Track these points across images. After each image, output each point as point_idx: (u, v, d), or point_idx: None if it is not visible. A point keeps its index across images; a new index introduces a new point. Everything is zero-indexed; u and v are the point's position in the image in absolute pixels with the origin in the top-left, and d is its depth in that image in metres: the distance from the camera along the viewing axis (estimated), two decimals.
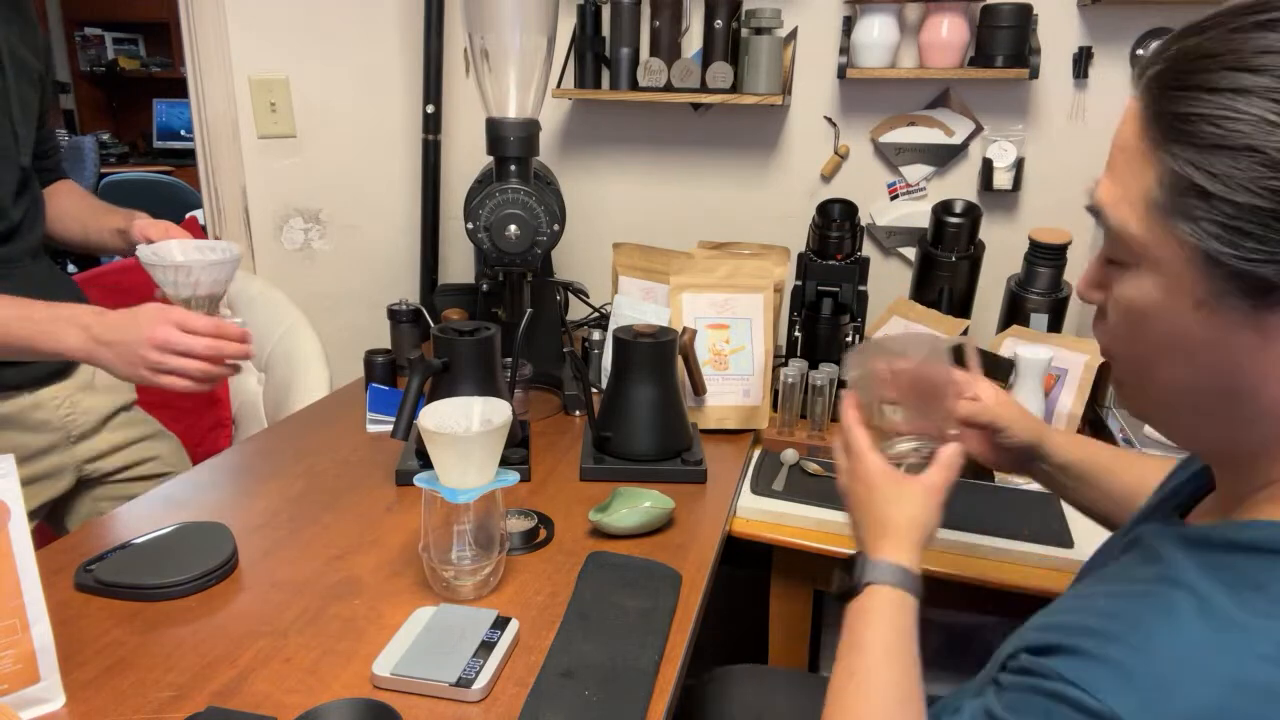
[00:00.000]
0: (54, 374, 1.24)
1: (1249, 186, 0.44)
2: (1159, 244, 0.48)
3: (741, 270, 1.48)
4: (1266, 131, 0.43)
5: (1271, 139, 0.43)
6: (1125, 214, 0.49)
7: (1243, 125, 0.43)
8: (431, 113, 1.90)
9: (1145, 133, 0.48)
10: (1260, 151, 0.43)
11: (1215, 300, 0.47)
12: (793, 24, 1.71)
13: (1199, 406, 0.52)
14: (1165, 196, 0.47)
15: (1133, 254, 0.50)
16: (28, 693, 0.76)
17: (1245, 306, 0.47)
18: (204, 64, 1.83)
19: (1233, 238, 0.45)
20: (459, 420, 0.96)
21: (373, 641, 0.87)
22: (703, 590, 0.99)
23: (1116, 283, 0.52)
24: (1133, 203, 0.49)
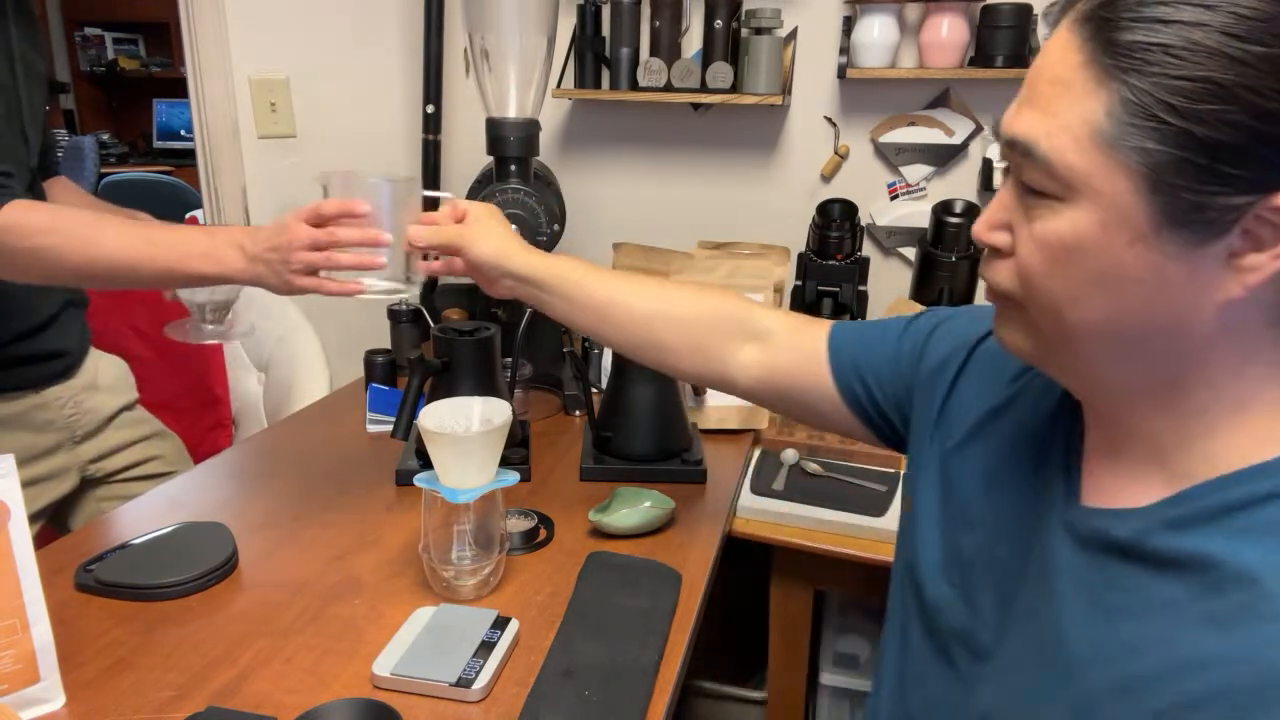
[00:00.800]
0: (58, 374, 1.24)
1: (1206, 117, 0.44)
2: (1102, 175, 0.48)
3: (741, 270, 1.48)
4: (1222, 65, 0.43)
5: (1229, 72, 0.43)
6: (1063, 144, 0.48)
7: (1203, 58, 0.44)
8: (431, 113, 1.90)
9: (1091, 63, 0.47)
10: (1219, 84, 0.43)
11: (1153, 233, 0.47)
12: (793, 24, 1.71)
13: (1113, 344, 0.52)
14: (1114, 126, 0.47)
15: (1066, 187, 0.49)
16: (28, 693, 0.76)
17: (1180, 239, 0.47)
18: (204, 64, 1.83)
19: (1184, 168, 0.45)
20: (459, 420, 0.96)
21: (373, 641, 0.87)
22: (703, 590, 0.99)
23: (1037, 219, 0.51)
24: (1072, 133, 0.48)
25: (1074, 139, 0.48)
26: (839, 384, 0.83)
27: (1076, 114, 0.48)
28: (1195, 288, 0.48)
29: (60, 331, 1.23)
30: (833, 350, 0.84)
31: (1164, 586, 0.52)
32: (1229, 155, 0.44)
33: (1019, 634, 0.61)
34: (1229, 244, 0.47)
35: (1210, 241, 0.47)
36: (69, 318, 1.26)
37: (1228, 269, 0.47)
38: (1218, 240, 0.47)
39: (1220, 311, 0.49)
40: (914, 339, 0.80)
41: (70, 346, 1.25)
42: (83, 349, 1.29)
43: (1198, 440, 0.53)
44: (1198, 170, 0.45)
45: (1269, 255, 0.46)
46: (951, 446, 0.73)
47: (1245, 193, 0.45)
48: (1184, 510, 0.52)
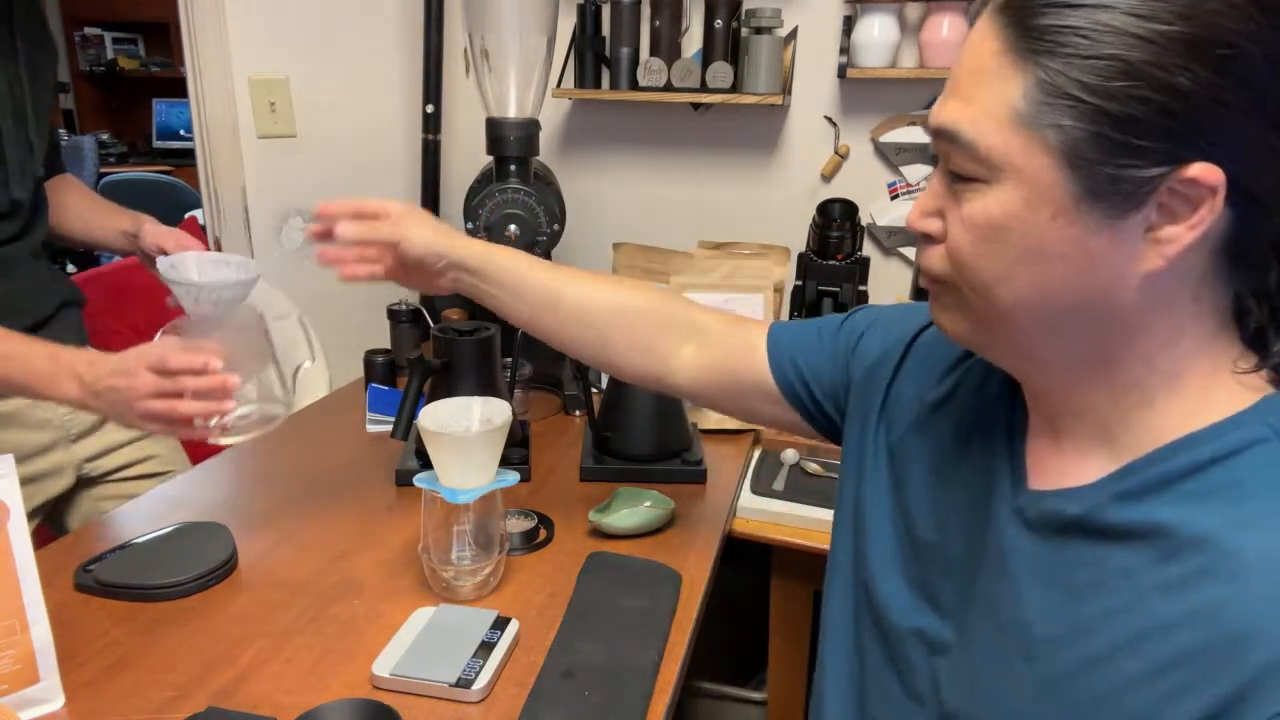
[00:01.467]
0: None
1: (1114, 94, 0.46)
2: (1021, 154, 0.50)
3: (741, 270, 1.48)
4: (1127, 44, 0.45)
5: (1134, 50, 0.45)
6: (986, 128, 0.50)
7: (1111, 37, 0.46)
8: (431, 112, 1.90)
9: (1008, 50, 0.49)
10: (1125, 61, 0.46)
11: (1074, 207, 0.49)
12: (793, 23, 1.71)
13: (1042, 320, 0.54)
14: (1031, 107, 0.49)
15: (990, 168, 0.51)
16: (27, 693, 0.76)
17: (1099, 212, 0.49)
18: (203, 64, 1.82)
19: (1098, 143, 0.47)
20: (459, 420, 0.96)
21: (372, 642, 0.87)
22: (703, 590, 0.99)
23: (965, 203, 0.53)
24: (993, 117, 0.50)
25: (995, 122, 0.50)
26: (778, 379, 0.85)
27: (996, 98, 0.50)
28: (1117, 260, 0.50)
29: (55, 332, 1.22)
30: (771, 346, 0.86)
31: (1119, 558, 0.53)
32: (1139, 129, 0.46)
33: (978, 624, 0.61)
34: (1146, 217, 0.48)
35: (1128, 214, 0.49)
36: (65, 317, 1.25)
37: (1146, 242, 0.49)
38: (1134, 212, 0.48)
39: (1143, 284, 0.50)
40: (848, 336, 0.81)
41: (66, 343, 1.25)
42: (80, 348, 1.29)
43: (1136, 412, 0.55)
44: (1111, 145, 0.47)
45: (1184, 227, 0.48)
46: (896, 440, 0.73)
47: (1157, 165, 0.47)
48: (1131, 482, 0.54)
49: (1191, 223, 0.48)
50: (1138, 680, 0.50)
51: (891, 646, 0.69)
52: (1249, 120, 0.46)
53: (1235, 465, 0.51)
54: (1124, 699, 0.51)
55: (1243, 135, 0.46)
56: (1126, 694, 0.50)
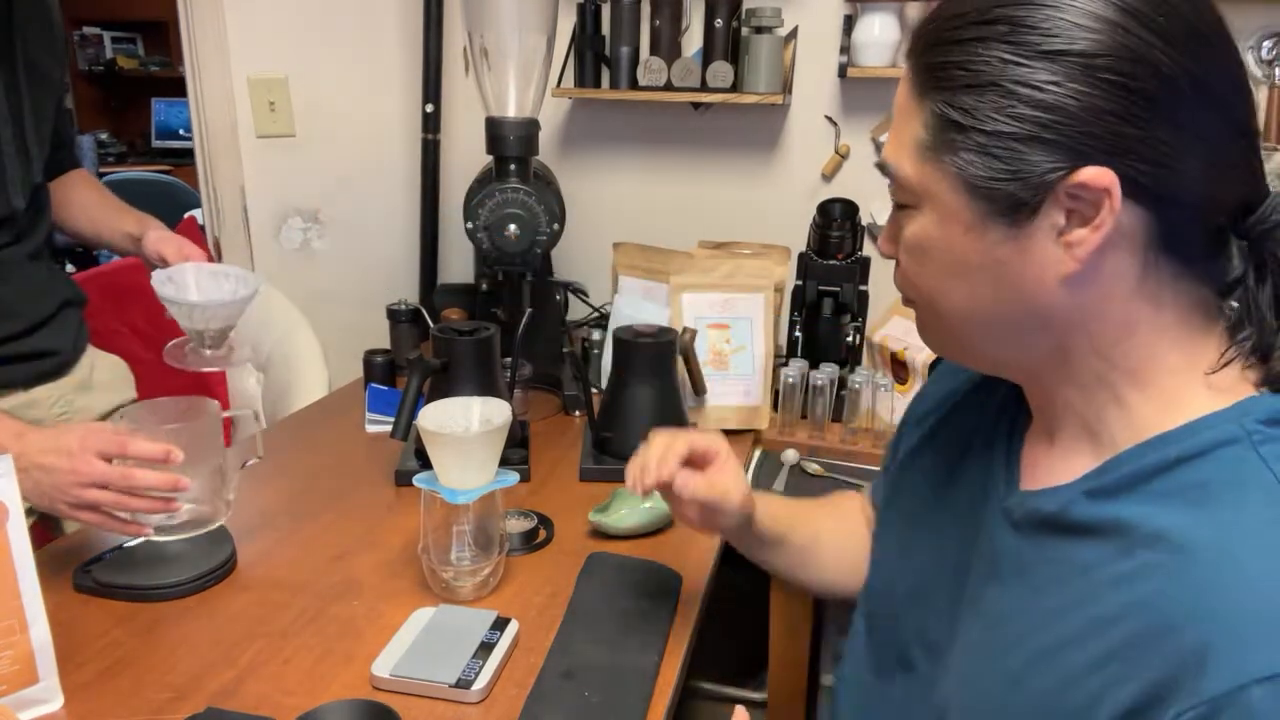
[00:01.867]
0: (48, 373, 1.22)
1: (994, 115, 0.50)
2: (930, 180, 0.54)
3: (742, 270, 1.47)
4: (1001, 69, 0.50)
5: (1007, 74, 0.50)
6: (902, 160, 0.56)
7: (985, 66, 0.50)
8: (431, 112, 1.90)
9: (911, 89, 0.55)
10: (999, 85, 0.50)
11: (980, 223, 0.53)
12: (793, 23, 1.71)
13: (987, 326, 0.57)
14: (930, 137, 0.54)
15: (913, 195, 0.56)
16: (26, 693, 0.76)
17: (1003, 224, 0.53)
18: (203, 63, 1.82)
19: (986, 161, 0.51)
20: (459, 420, 0.96)
21: (372, 642, 0.87)
22: (703, 590, 0.99)
23: (905, 228, 0.58)
24: (906, 149, 0.55)
25: (908, 154, 0.56)
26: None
27: (908, 133, 0.55)
28: (1030, 266, 0.53)
29: (53, 332, 1.22)
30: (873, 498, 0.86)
31: (1082, 552, 0.55)
32: (1022, 145, 0.50)
33: (969, 624, 0.63)
34: (1054, 224, 0.52)
35: (1027, 222, 0.52)
36: (64, 318, 1.24)
37: (1060, 246, 0.52)
38: (1032, 220, 0.52)
39: (1065, 285, 0.53)
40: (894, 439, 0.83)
41: (62, 346, 1.23)
42: (77, 349, 1.27)
43: (1109, 408, 0.57)
44: (999, 160, 0.51)
45: (1089, 229, 0.51)
46: (905, 455, 0.76)
47: (1043, 174, 0.50)
48: (1104, 480, 0.55)
49: (1095, 224, 0.50)
50: (1081, 673, 0.51)
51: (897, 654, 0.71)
52: (1141, 123, 0.48)
53: (1202, 466, 0.52)
54: (1068, 692, 0.52)
55: (1134, 138, 0.48)
56: (1070, 687, 0.52)
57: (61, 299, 1.24)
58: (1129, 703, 0.48)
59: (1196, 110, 0.49)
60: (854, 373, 1.43)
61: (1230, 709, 0.44)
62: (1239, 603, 0.46)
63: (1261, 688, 0.43)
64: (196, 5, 1.79)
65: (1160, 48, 0.48)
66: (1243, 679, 0.44)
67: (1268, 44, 1.55)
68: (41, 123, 1.15)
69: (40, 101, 1.14)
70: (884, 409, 1.43)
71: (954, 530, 0.67)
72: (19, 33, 1.10)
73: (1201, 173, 0.50)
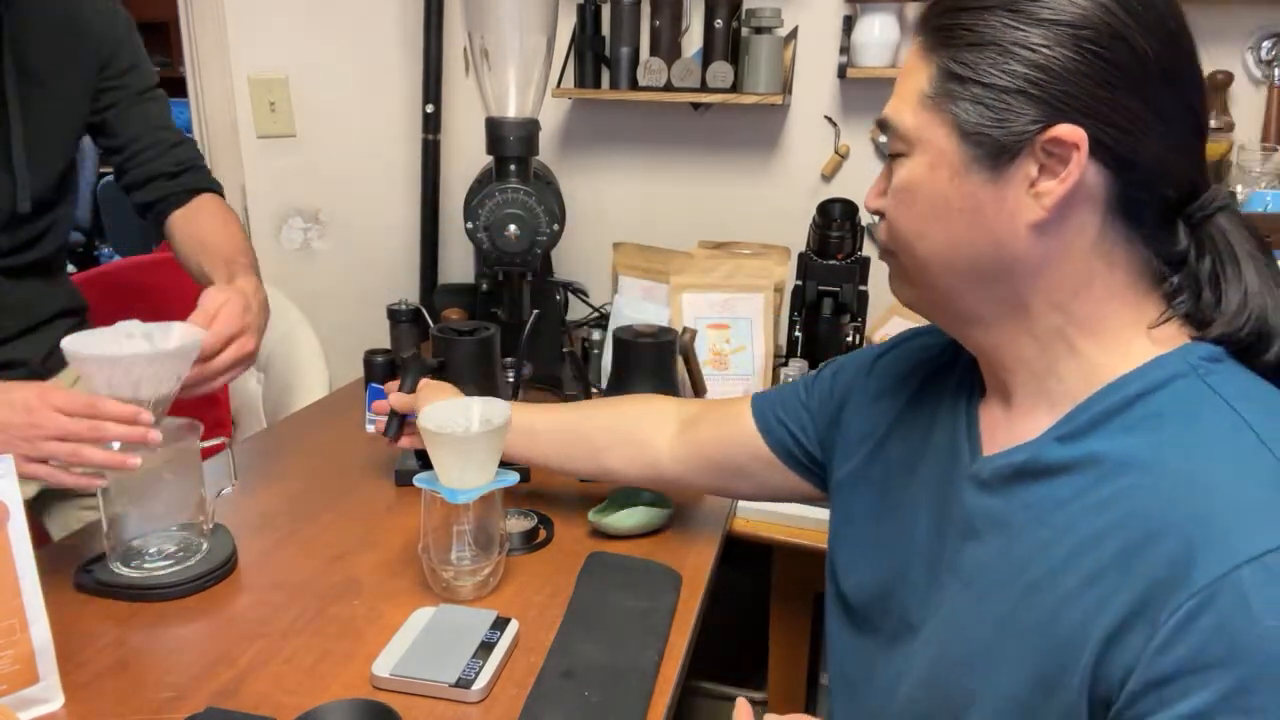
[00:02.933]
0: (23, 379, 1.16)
1: (990, 70, 0.57)
2: (927, 128, 0.61)
3: (742, 270, 1.48)
4: (1001, 31, 0.57)
5: (1005, 35, 0.57)
6: (903, 112, 0.62)
7: (986, 28, 0.57)
8: (431, 112, 1.90)
9: (920, 49, 0.62)
10: (999, 44, 0.57)
11: (965, 167, 0.59)
12: (793, 23, 1.71)
13: (958, 272, 0.63)
14: (932, 89, 0.60)
15: (907, 142, 0.62)
16: (27, 693, 0.76)
17: (985, 170, 0.59)
18: (203, 63, 1.83)
19: (979, 110, 0.58)
20: (459, 421, 0.96)
21: (372, 642, 0.87)
22: (703, 590, 0.99)
23: (894, 176, 0.64)
24: (908, 102, 0.62)
25: (909, 106, 0.62)
26: (768, 439, 0.91)
27: (911, 87, 0.62)
28: (1004, 211, 0.59)
29: (28, 344, 1.18)
30: (756, 412, 0.93)
31: (1057, 489, 0.60)
32: (1011, 98, 0.57)
33: (949, 590, 0.66)
34: (1027, 174, 0.58)
35: (1005, 169, 0.58)
36: (50, 330, 1.19)
37: (1030, 195, 0.58)
38: (1010, 167, 0.58)
39: (1033, 233, 0.59)
40: (820, 385, 0.89)
41: (30, 357, 1.18)
42: (53, 360, 1.20)
43: (1065, 362, 0.62)
44: (990, 110, 0.58)
45: (1057, 181, 0.57)
46: (869, 450, 0.80)
47: (1025, 126, 0.57)
48: (1069, 426, 0.61)
49: (1062, 177, 0.57)
50: (1072, 594, 0.56)
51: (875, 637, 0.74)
52: (1112, 90, 0.55)
53: (1158, 398, 0.58)
54: (1060, 615, 0.56)
55: (1106, 103, 0.55)
56: (1062, 611, 0.56)
57: (55, 310, 1.21)
58: (1124, 611, 0.52)
59: (1161, 92, 0.56)
60: None
61: (1224, 592, 0.49)
62: (1213, 500, 0.52)
63: (1250, 567, 0.49)
64: (197, 5, 1.79)
65: (1137, 30, 0.55)
66: (1230, 563, 0.49)
67: (1267, 44, 1.55)
68: (42, 134, 1.09)
69: (37, 110, 1.08)
70: None
71: (923, 512, 0.71)
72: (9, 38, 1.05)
73: (1158, 148, 0.57)
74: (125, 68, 1.17)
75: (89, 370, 0.88)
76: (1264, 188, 1.47)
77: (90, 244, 4.06)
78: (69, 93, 1.13)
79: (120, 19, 1.18)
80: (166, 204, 1.21)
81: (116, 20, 1.17)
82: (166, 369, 0.89)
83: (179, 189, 1.21)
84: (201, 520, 0.99)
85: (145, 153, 1.19)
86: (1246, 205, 1.44)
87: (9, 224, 1.11)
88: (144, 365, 0.87)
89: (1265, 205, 1.44)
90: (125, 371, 0.87)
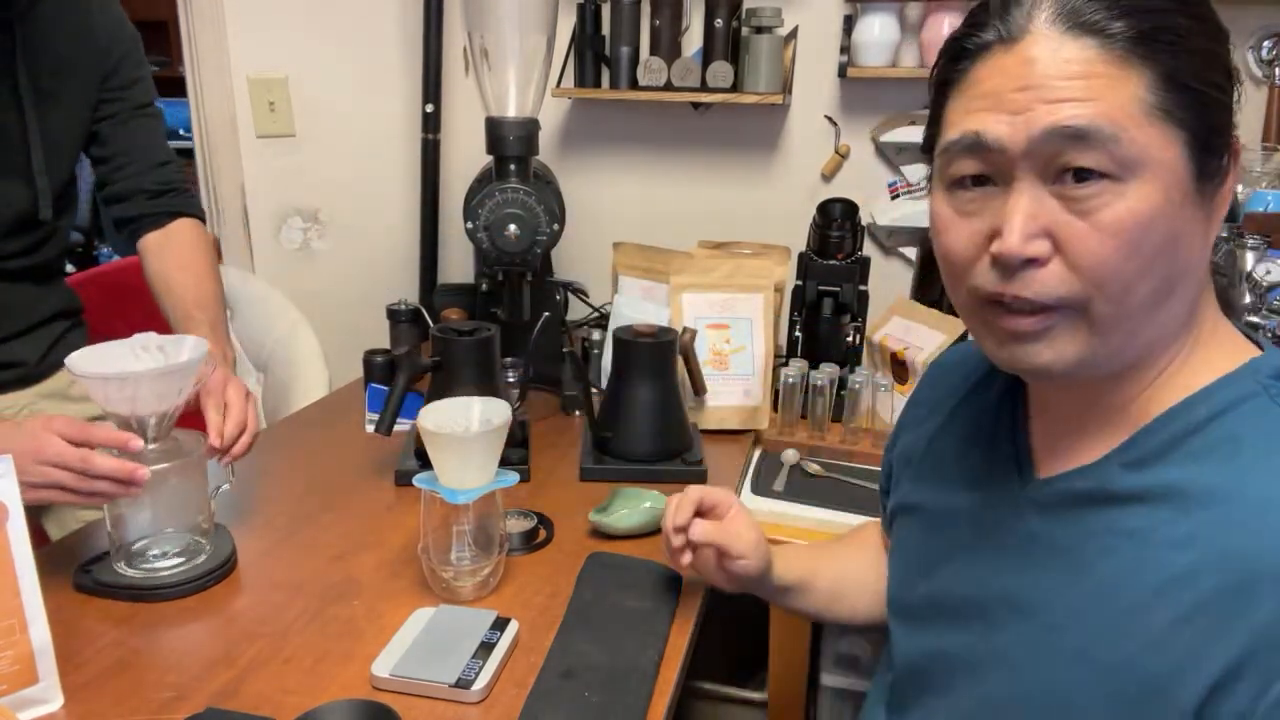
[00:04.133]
0: (9, 383, 1.18)
1: (1209, 81, 0.53)
2: (1158, 145, 0.52)
3: (742, 270, 1.47)
4: (1205, 39, 0.53)
5: (1200, 42, 0.53)
6: (1125, 122, 0.52)
7: (1193, 36, 0.53)
8: (431, 112, 1.90)
9: (1115, 53, 0.52)
10: (1210, 52, 0.54)
11: (1195, 190, 0.54)
12: (793, 23, 1.71)
13: (1162, 302, 0.55)
14: (1158, 99, 0.52)
15: (1126, 164, 0.52)
16: (26, 693, 0.76)
17: (1208, 191, 0.55)
18: (202, 63, 1.82)
19: (1203, 126, 0.53)
20: (459, 420, 0.96)
21: (372, 642, 0.87)
22: (703, 591, 0.99)
23: (1097, 210, 0.52)
24: (1127, 112, 0.52)
25: (1130, 116, 0.52)
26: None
27: (1120, 97, 0.52)
28: (1205, 232, 0.56)
29: (25, 344, 1.18)
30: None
31: (1128, 520, 0.56)
32: (1221, 108, 0.54)
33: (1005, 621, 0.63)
34: (1230, 188, 0.55)
35: (1218, 186, 0.55)
36: (47, 331, 1.20)
37: (1213, 207, 0.55)
38: (1221, 184, 0.55)
39: (1206, 248, 0.57)
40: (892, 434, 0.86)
41: (28, 358, 1.18)
42: (51, 360, 1.21)
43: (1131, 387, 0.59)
44: (1213, 127, 0.53)
45: (1226, 189, 0.55)
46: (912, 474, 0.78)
47: (1227, 139, 0.54)
48: (1137, 452, 0.57)
49: (1228, 186, 0.55)
50: (1164, 634, 0.53)
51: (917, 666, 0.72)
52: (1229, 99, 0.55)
53: (1229, 421, 0.55)
54: (1150, 655, 0.53)
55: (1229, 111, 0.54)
56: (1153, 650, 0.53)
57: (52, 311, 1.21)
58: (1229, 658, 0.50)
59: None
60: (854, 373, 1.43)
61: None
62: None
63: None
64: (196, 5, 1.79)
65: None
66: None
67: (1268, 44, 1.55)
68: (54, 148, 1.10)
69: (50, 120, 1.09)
70: (884, 409, 1.43)
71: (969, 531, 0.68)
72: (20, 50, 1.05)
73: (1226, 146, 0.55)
74: (127, 81, 1.18)
75: (89, 387, 0.88)
76: (1264, 188, 1.47)
77: (90, 244, 4.06)
78: (76, 103, 1.14)
79: (127, 32, 1.18)
80: (143, 223, 1.20)
81: (124, 33, 1.18)
82: (168, 385, 0.89)
83: (158, 210, 1.20)
84: (202, 520, 0.99)
85: (131, 166, 1.19)
86: (1247, 205, 1.44)
87: (23, 230, 1.12)
88: (144, 382, 0.88)
89: (1265, 205, 1.44)
90: (120, 388, 0.87)
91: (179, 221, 1.21)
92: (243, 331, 1.87)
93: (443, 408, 0.96)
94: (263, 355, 1.84)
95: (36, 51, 1.07)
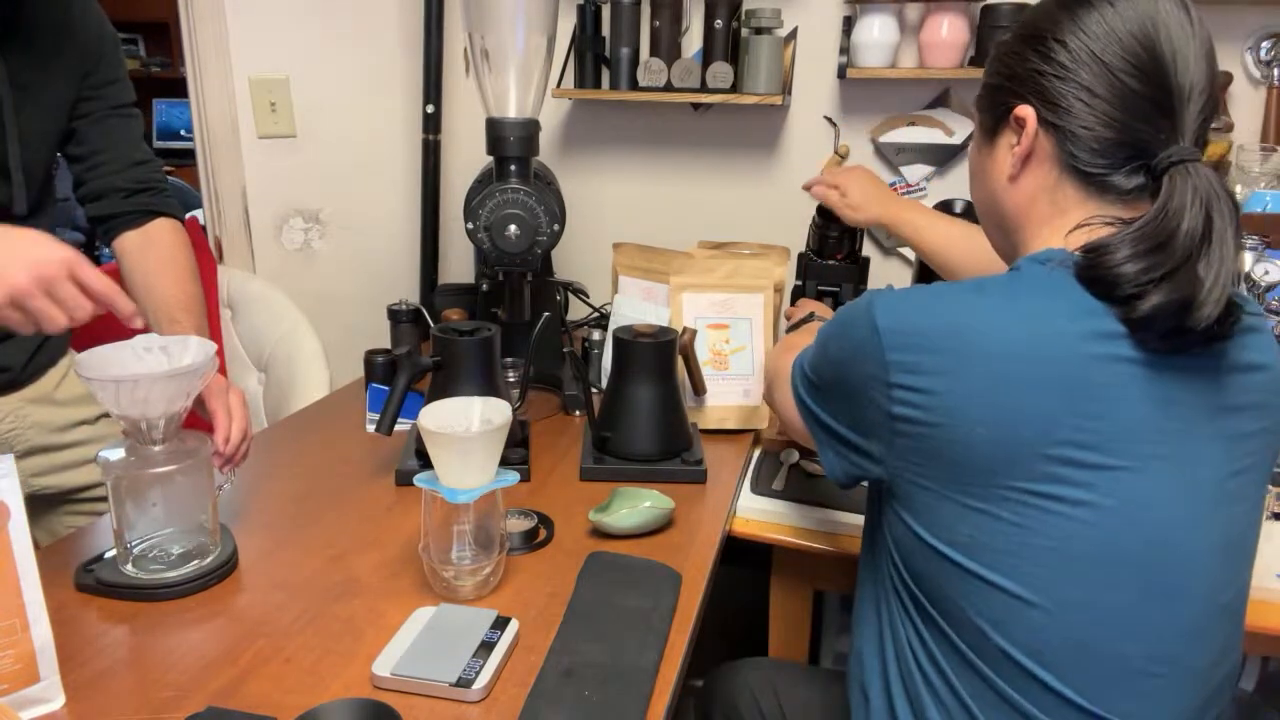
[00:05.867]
0: (6, 384, 1.18)
1: (993, 72, 0.82)
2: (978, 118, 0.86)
3: (742, 270, 1.48)
4: (1002, 47, 0.83)
5: (1000, 48, 0.83)
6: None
7: (997, 45, 0.84)
8: (431, 112, 1.90)
9: None
10: (997, 57, 0.83)
11: (983, 140, 0.84)
12: (793, 24, 1.71)
13: (989, 218, 0.87)
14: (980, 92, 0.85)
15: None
16: (28, 692, 0.76)
17: (989, 141, 0.83)
18: (204, 64, 1.83)
19: (985, 102, 0.84)
20: (459, 420, 0.96)
21: (373, 641, 0.87)
22: (703, 590, 0.99)
23: None
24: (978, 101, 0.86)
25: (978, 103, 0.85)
26: None
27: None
28: (999, 170, 0.81)
29: (6, 350, 1.17)
30: None
31: None
32: (999, 89, 0.80)
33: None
34: (1009, 141, 0.79)
35: (996, 139, 0.82)
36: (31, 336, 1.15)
37: (1013, 156, 0.79)
38: (999, 137, 0.81)
39: (1011, 185, 0.80)
40: None
41: (12, 363, 1.18)
42: (35, 365, 1.21)
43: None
44: (990, 101, 0.82)
45: (1019, 143, 0.78)
46: None
47: (1005, 107, 0.79)
48: None
49: (1012, 142, 0.79)
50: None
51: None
52: (1062, 81, 0.73)
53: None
54: None
55: (1056, 90, 0.74)
56: None
57: None
58: None
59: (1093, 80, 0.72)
60: None
61: None
62: None
63: None
64: (197, 6, 1.79)
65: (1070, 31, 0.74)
66: None
67: (1266, 44, 1.55)
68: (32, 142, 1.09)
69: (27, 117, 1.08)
70: None
71: None
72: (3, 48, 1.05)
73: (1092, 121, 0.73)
74: (105, 80, 1.16)
75: (99, 391, 0.88)
76: (1264, 188, 1.47)
77: (90, 245, 4.06)
78: (54, 101, 1.13)
79: (107, 31, 1.17)
80: (118, 222, 1.18)
81: (104, 33, 1.17)
82: (177, 387, 0.90)
83: (134, 208, 1.18)
84: (206, 521, 0.99)
85: (106, 165, 1.17)
86: (1246, 205, 1.44)
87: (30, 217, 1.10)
88: (152, 385, 0.88)
89: (1265, 205, 1.44)
90: (131, 391, 0.87)
91: (157, 222, 1.20)
92: (244, 331, 1.88)
93: (443, 407, 0.96)
94: (263, 355, 1.84)
95: (17, 47, 1.07)
